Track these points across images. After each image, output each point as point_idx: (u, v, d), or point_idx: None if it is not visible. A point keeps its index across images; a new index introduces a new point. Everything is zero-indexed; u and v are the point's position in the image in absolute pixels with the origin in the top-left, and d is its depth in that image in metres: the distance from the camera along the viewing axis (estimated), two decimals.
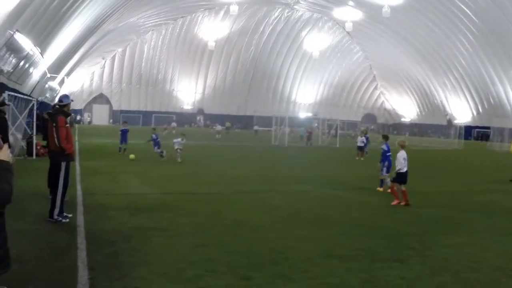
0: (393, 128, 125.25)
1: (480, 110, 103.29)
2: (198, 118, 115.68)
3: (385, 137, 18.01)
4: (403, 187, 14.40)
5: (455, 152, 48.48)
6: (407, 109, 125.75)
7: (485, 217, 13.01)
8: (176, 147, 25.86)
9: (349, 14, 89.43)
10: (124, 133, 29.77)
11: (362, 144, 32.85)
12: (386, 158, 17.04)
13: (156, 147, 27.10)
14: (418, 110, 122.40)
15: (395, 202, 14.34)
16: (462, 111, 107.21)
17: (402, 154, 14.64)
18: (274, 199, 14.57)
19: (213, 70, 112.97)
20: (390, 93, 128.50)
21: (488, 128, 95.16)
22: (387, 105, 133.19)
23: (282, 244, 8.98)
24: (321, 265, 7.76)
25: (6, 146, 3.41)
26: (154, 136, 27.65)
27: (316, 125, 74.37)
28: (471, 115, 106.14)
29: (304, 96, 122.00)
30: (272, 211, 12.42)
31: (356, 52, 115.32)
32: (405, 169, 14.49)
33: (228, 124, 78.83)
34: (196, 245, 8.72)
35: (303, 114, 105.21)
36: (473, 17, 78.47)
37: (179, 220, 10.83)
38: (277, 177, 20.34)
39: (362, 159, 31.75)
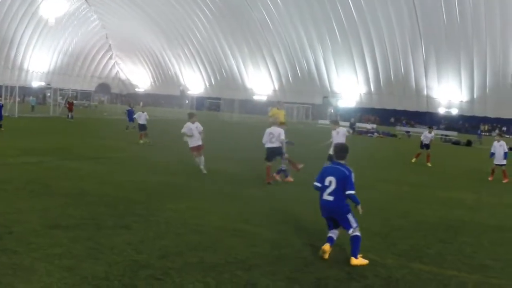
0: (127, 97, 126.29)
1: (213, 82, 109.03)
2: None
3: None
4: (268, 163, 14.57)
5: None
6: (141, 79, 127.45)
7: (210, 183, 13.92)
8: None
9: None
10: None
11: None
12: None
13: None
14: (152, 80, 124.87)
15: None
16: (195, 82, 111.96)
17: (269, 130, 14.54)
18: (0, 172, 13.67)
19: None
20: (125, 63, 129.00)
21: (219, 99, 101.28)
22: (122, 75, 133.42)
23: (6, 218, 8.59)
24: (46, 236, 7.65)
25: None
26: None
27: (49, 95, 71.43)
28: (204, 87, 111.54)
29: (38, 64, 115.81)
30: None
31: (93, 20, 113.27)
32: (269, 145, 14.44)
33: None
34: None
35: (36, 83, 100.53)
36: None
37: None
38: (5, 148, 19.10)
39: None
